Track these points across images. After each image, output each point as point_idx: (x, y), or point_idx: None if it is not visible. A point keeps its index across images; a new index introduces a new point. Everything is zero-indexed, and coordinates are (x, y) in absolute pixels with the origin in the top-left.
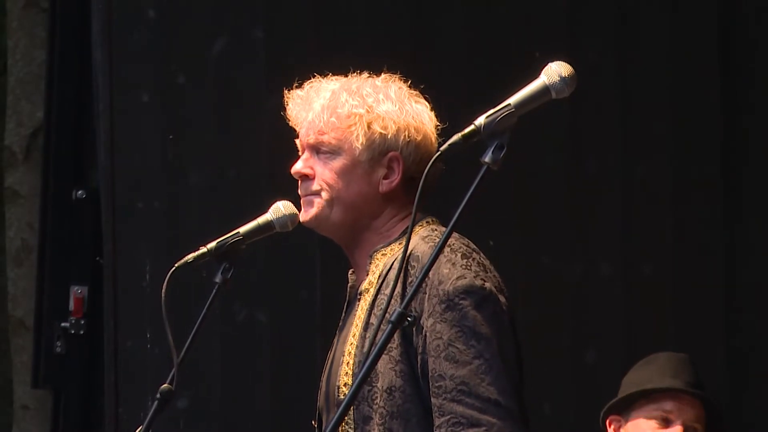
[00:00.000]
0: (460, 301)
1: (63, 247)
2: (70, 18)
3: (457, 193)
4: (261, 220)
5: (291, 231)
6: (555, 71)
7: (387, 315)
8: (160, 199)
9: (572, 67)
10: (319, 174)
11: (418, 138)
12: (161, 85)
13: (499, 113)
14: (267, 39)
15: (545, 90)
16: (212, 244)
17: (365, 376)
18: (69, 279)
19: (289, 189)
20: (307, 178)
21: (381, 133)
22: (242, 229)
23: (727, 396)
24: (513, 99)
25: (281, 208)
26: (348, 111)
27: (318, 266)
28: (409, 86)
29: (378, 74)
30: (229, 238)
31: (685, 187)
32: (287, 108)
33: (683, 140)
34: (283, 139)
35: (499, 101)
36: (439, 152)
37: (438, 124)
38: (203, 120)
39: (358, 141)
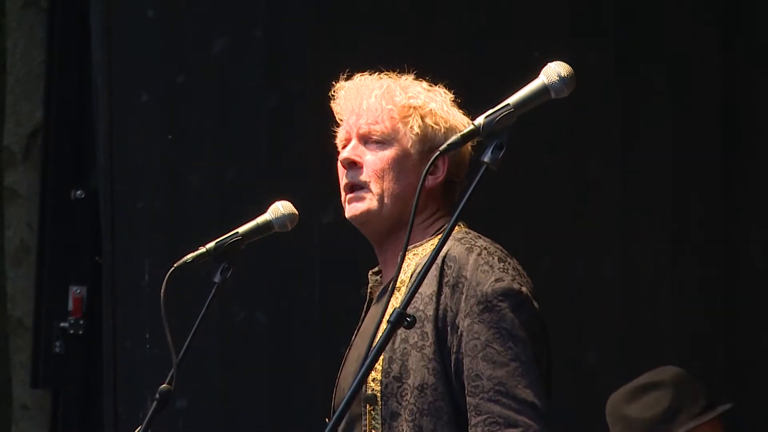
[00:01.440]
0: (498, 303)
1: (62, 247)
2: (70, 18)
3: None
4: (260, 220)
5: (290, 231)
6: (554, 71)
7: (387, 316)
8: (160, 199)
9: (572, 67)
10: (368, 163)
11: None
12: (161, 85)
13: (498, 113)
14: (267, 39)
15: (544, 90)
16: (211, 244)
17: (365, 374)
18: (68, 279)
19: (289, 189)
20: (354, 165)
21: (433, 127)
22: (241, 230)
23: (726, 398)
24: (512, 99)
25: (280, 208)
26: (405, 102)
27: (318, 267)
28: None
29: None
30: (228, 238)
31: (685, 187)
32: (335, 98)
33: (683, 140)
34: (282, 140)
35: (499, 101)
36: (438, 152)
37: None
38: (203, 120)
39: (413, 132)
